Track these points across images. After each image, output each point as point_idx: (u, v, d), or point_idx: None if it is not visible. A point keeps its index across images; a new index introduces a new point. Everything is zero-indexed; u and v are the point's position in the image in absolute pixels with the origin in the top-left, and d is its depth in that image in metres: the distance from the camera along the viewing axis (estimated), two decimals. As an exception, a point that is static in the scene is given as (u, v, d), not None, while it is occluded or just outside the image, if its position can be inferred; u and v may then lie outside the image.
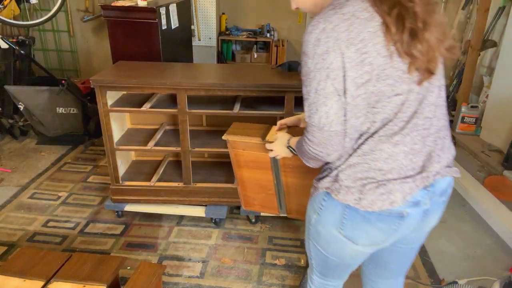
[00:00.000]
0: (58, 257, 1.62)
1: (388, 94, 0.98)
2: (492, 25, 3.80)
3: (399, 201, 1.03)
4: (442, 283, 2.07)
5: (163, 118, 2.67)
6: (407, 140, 1.02)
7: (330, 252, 1.22)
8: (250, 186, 1.63)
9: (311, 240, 1.26)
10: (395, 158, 1.02)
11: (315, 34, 0.96)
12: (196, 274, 2.11)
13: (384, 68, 0.95)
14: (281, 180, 1.55)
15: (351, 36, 0.93)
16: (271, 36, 4.70)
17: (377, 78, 0.95)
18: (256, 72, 2.45)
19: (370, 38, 0.93)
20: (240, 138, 1.52)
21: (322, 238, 1.20)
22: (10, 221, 2.50)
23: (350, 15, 0.94)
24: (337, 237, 1.15)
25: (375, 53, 0.94)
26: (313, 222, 1.21)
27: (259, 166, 1.54)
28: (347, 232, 1.12)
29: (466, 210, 2.71)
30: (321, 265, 1.31)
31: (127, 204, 2.46)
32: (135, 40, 2.98)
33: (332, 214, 1.12)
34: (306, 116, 1.04)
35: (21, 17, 4.11)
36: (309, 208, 1.23)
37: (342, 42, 0.94)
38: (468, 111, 3.72)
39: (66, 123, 3.31)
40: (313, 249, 1.28)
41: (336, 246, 1.18)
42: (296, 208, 1.63)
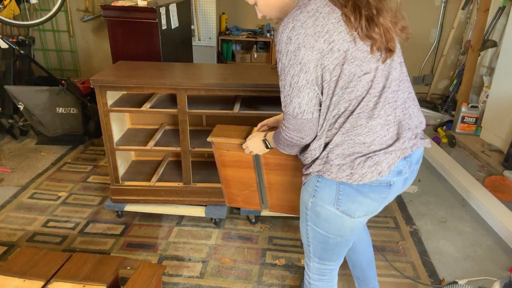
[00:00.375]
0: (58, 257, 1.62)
1: (358, 74, 1.10)
2: (492, 25, 3.80)
3: (385, 171, 1.16)
4: (442, 283, 2.07)
5: (163, 118, 2.67)
6: (381, 113, 1.15)
7: (331, 231, 1.31)
8: (234, 184, 1.71)
9: (309, 226, 1.34)
10: (374, 131, 1.15)
11: (286, 33, 1.08)
12: (196, 274, 2.11)
13: (351, 52, 1.07)
14: (263, 178, 1.64)
15: (318, 30, 1.06)
16: (271, 36, 4.70)
17: (346, 61, 1.08)
18: (256, 72, 2.45)
19: (334, 28, 1.06)
20: (224, 140, 1.61)
21: (322, 218, 1.29)
22: (10, 221, 2.50)
23: (314, 12, 1.07)
24: (335, 213, 1.25)
25: (340, 40, 1.06)
26: (310, 205, 1.29)
27: (242, 165, 1.63)
28: (343, 207, 1.23)
29: (466, 210, 2.71)
30: (320, 248, 1.38)
31: (127, 204, 2.46)
32: (135, 40, 2.98)
33: (328, 193, 1.23)
34: (282, 106, 1.18)
35: (21, 17, 4.11)
36: (303, 195, 1.33)
37: (311, 37, 1.06)
38: (468, 111, 3.72)
39: (66, 123, 3.31)
40: (312, 234, 1.36)
41: (336, 223, 1.28)
42: (277, 203, 1.72)
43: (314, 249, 1.40)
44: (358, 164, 1.15)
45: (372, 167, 1.15)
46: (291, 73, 1.10)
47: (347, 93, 1.11)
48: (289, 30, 1.07)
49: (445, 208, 2.72)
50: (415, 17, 4.60)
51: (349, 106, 1.13)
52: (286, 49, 1.08)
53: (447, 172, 3.06)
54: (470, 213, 2.68)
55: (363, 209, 1.24)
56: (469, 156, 3.46)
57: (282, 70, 1.12)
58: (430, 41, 4.70)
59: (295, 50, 1.07)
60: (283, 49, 1.09)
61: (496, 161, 3.24)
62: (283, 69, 1.11)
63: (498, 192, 2.80)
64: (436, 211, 2.69)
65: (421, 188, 2.94)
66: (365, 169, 1.15)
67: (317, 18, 1.06)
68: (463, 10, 4.42)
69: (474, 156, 3.43)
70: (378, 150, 1.16)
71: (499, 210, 2.55)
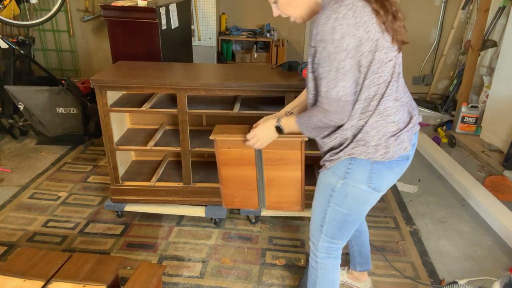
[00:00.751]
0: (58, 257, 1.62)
1: (384, 60, 1.26)
2: (492, 25, 3.80)
3: (408, 146, 1.36)
4: (442, 283, 2.07)
5: (163, 118, 2.67)
6: (401, 95, 1.34)
7: (355, 209, 1.45)
8: (233, 183, 1.75)
9: (331, 206, 1.45)
10: (399, 111, 1.33)
11: (329, 24, 1.18)
12: (196, 274, 2.11)
13: (380, 41, 1.23)
14: (263, 174, 1.68)
15: (357, 20, 1.19)
16: (271, 36, 4.70)
17: (378, 49, 1.23)
18: (256, 72, 2.45)
19: (369, 20, 1.20)
20: (226, 137, 1.65)
21: (350, 198, 1.41)
22: (10, 221, 2.50)
23: (351, 5, 1.19)
24: (367, 191, 1.39)
25: (373, 30, 1.21)
26: (339, 187, 1.40)
27: (243, 162, 1.67)
28: (375, 184, 1.38)
29: (466, 210, 2.71)
30: (336, 228, 1.50)
31: (127, 204, 2.46)
32: (135, 40, 2.98)
33: (361, 173, 1.36)
34: (323, 91, 1.26)
35: (21, 17, 4.11)
36: (328, 178, 1.43)
37: (353, 26, 1.19)
38: (468, 111, 3.72)
39: (66, 123, 3.31)
40: (332, 214, 1.46)
41: (363, 200, 1.43)
42: (275, 199, 1.77)
43: (327, 229, 1.50)
44: (390, 143, 1.32)
45: (400, 144, 1.33)
46: (338, 59, 1.21)
47: (376, 78, 1.26)
48: (333, 21, 1.18)
49: (445, 208, 2.72)
50: (415, 17, 4.60)
51: (378, 90, 1.28)
52: (331, 38, 1.19)
53: (447, 172, 3.06)
54: (470, 213, 2.68)
55: (388, 183, 1.42)
56: (469, 156, 3.46)
57: (327, 57, 1.22)
58: (430, 41, 4.70)
59: (340, 38, 1.19)
60: (328, 38, 1.19)
61: (496, 161, 3.24)
62: (328, 56, 1.21)
63: (498, 192, 2.80)
64: (436, 211, 2.69)
65: (421, 188, 2.94)
66: (396, 147, 1.32)
67: (355, 11, 1.19)
68: (463, 10, 4.42)
69: (474, 156, 3.43)
70: (403, 128, 1.34)
71: (499, 210, 2.55)
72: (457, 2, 4.47)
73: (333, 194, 1.43)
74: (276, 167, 1.66)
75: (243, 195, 1.78)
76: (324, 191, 1.46)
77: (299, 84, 2.13)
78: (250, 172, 1.69)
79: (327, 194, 1.45)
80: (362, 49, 1.22)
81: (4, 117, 3.51)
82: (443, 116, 4.16)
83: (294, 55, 4.90)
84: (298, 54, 4.93)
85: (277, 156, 1.63)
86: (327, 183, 1.44)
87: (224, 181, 1.76)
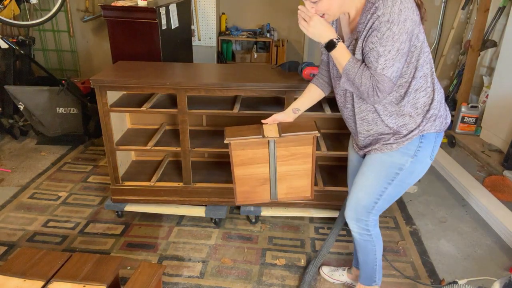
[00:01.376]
0: (58, 257, 1.62)
1: (425, 42, 1.42)
2: (492, 25, 3.80)
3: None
4: (442, 283, 2.07)
5: (163, 118, 2.67)
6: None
7: (412, 182, 1.58)
8: (246, 181, 1.78)
9: (393, 184, 1.55)
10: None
11: (397, 6, 1.28)
12: (196, 274, 2.11)
13: (421, 25, 1.38)
14: (276, 170, 1.75)
15: (413, 5, 1.32)
16: (271, 36, 4.70)
17: (420, 32, 1.38)
18: (256, 72, 2.45)
19: (415, 7, 1.34)
20: (241, 139, 1.67)
21: (415, 174, 1.55)
22: (10, 221, 2.50)
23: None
24: (428, 164, 1.55)
25: (418, 16, 1.35)
26: (408, 165, 1.51)
27: (256, 161, 1.73)
28: (434, 154, 1.53)
29: (466, 210, 2.71)
30: (388, 202, 1.62)
31: (127, 204, 2.46)
32: (135, 40, 2.98)
33: (428, 147, 1.50)
34: (379, 68, 1.32)
35: (21, 17, 4.11)
36: (397, 158, 1.51)
37: (412, 11, 1.31)
38: (468, 111, 3.72)
39: (66, 123, 3.31)
40: (392, 191, 1.57)
41: (422, 173, 1.57)
42: (286, 191, 1.83)
43: (381, 205, 1.61)
44: (446, 111, 1.51)
45: (447, 109, 1.52)
46: (400, 39, 1.30)
47: (425, 56, 1.41)
48: (399, 3, 1.28)
49: (445, 208, 2.72)
50: (415, 17, 4.60)
51: (430, 68, 1.43)
52: (398, 19, 1.28)
53: (447, 172, 3.06)
54: (470, 213, 2.68)
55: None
56: (469, 156, 3.46)
57: (391, 37, 1.30)
58: (430, 41, 4.69)
59: (404, 20, 1.29)
60: (395, 19, 1.28)
61: (496, 161, 3.24)
62: (392, 36, 1.29)
63: (498, 192, 2.80)
64: (436, 211, 2.69)
65: (421, 188, 2.94)
66: (448, 114, 1.52)
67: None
68: (463, 10, 4.41)
69: (474, 156, 3.43)
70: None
71: (499, 210, 2.55)
72: (457, 2, 4.47)
73: (400, 172, 1.52)
74: (288, 162, 1.73)
75: (256, 191, 1.82)
76: (387, 171, 1.53)
77: (299, 84, 2.13)
78: (263, 169, 1.74)
79: (391, 173, 1.53)
80: (415, 32, 1.35)
81: (4, 117, 3.51)
82: (443, 116, 4.16)
83: (294, 55, 4.90)
84: (298, 54, 4.93)
85: (289, 153, 1.70)
86: (393, 163, 1.52)
87: (238, 180, 1.78)
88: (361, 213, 1.64)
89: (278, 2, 4.69)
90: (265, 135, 1.65)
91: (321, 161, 2.69)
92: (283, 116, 1.74)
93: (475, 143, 3.59)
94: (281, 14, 4.75)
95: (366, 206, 1.62)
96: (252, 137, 1.66)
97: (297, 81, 2.17)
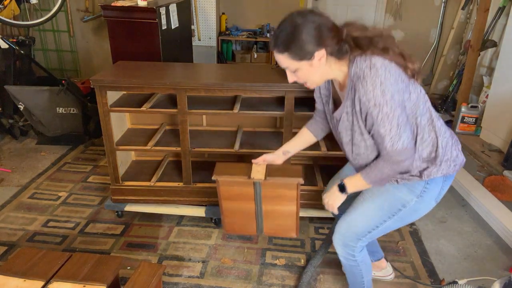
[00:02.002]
0: (58, 257, 1.62)
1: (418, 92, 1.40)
2: (492, 25, 3.80)
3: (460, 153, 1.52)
4: (442, 283, 2.07)
5: (163, 118, 2.67)
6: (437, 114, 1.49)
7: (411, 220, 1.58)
8: (234, 214, 1.87)
9: (393, 219, 1.54)
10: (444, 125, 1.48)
11: (378, 89, 1.28)
12: (196, 274, 2.11)
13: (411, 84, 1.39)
14: (261, 208, 1.81)
15: (395, 76, 1.30)
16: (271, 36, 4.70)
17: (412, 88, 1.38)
18: (256, 72, 2.45)
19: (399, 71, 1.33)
20: (228, 178, 1.75)
21: (418, 213, 1.54)
22: (10, 221, 2.50)
23: (383, 66, 1.29)
24: (431, 206, 1.54)
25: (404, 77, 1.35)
26: (413, 204, 1.49)
27: (243, 198, 1.79)
28: (440, 197, 1.52)
29: (466, 210, 2.71)
30: (382, 233, 1.60)
31: (127, 204, 2.46)
32: (135, 40, 2.98)
33: (435, 190, 1.48)
34: (388, 146, 1.33)
35: (21, 17, 4.11)
36: (403, 194, 1.50)
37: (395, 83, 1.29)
38: (468, 111, 3.72)
39: (66, 123, 3.31)
40: (390, 224, 1.56)
41: (423, 213, 1.55)
42: (272, 227, 1.89)
43: (374, 235, 1.59)
44: (454, 154, 1.47)
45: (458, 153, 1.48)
46: (396, 115, 1.30)
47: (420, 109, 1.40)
48: (379, 85, 1.28)
49: (445, 208, 2.72)
50: (415, 17, 4.60)
51: (428, 116, 1.42)
52: (384, 100, 1.28)
53: (447, 172, 3.06)
54: (470, 213, 2.68)
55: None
56: (469, 156, 3.46)
57: (386, 116, 1.30)
58: (430, 41, 4.70)
59: (391, 98, 1.28)
60: (381, 101, 1.29)
61: (496, 161, 3.24)
62: (387, 115, 1.30)
63: (498, 192, 2.80)
64: (436, 211, 2.69)
65: (421, 188, 2.94)
66: (457, 157, 1.48)
67: (389, 69, 1.30)
68: (463, 10, 4.41)
69: (474, 156, 3.43)
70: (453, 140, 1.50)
71: (499, 210, 2.55)
72: (457, 2, 4.47)
73: (403, 209, 1.51)
74: (273, 202, 1.79)
75: (243, 224, 1.90)
76: (391, 204, 1.52)
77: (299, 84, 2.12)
78: (249, 205, 1.81)
79: (395, 208, 1.52)
80: (406, 97, 1.34)
81: (4, 117, 3.51)
82: (443, 116, 4.16)
83: (294, 55, 4.89)
84: (298, 54, 4.92)
85: (275, 194, 1.76)
86: (399, 198, 1.50)
87: (225, 211, 1.87)
88: (350, 238, 1.62)
89: (278, 2, 4.69)
90: (252, 176, 1.70)
91: (321, 161, 2.68)
92: (273, 157, 1.74)
93: (475, 143, 3.59)
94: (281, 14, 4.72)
95: (359, 233, 1.60)
96: (239, 177, 1.72)
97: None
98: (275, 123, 2.65)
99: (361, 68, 1.30)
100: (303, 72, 1.38)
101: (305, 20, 1.31)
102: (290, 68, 1.39)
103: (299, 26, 1.31)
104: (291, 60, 1.35)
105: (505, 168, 3.10)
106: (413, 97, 1.37)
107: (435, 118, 1.43)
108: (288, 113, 2.19)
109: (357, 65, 1.32)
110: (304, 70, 1.37)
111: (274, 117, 2.62)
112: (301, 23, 1.31)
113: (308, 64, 1.35)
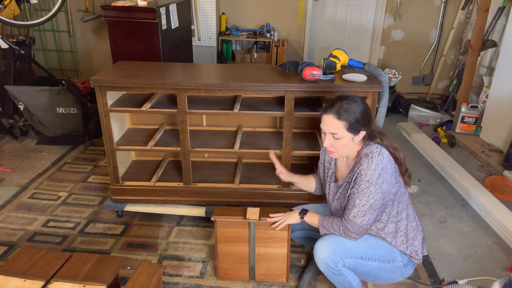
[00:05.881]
0: (58, 257, 1.62)
1: (403, 194, 1.70)
2: (492, 25, 3.80)
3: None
4: (442, 283, 2.07)
5: (163, 118, 2.67)
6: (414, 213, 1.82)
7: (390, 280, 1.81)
8: (228, 258, 2.01)
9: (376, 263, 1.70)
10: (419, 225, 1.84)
11: (377, 171, 1.55)
12: (196, 274, 2.11)
13: (399, 183, 1.68)
14: (255, 250, 1.98)
15: (393, 170, 1.59)
16: (271, 36, 4.70)
17: (401, 186, 1.67)
18: (256, 72, 2.45)
19: (396, 168, 1.63)
20: (226, 218, 1.93)
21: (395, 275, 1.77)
22: (10, 221, 2.50)
23: (388, 158, 1.58)
24: (401, 278, 1.82)
25: (396, 179, 1.63)
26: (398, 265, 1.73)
27: (238, 240, 1.97)
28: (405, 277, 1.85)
29: (466, 210, 2.71)
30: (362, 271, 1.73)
31: (127, 204, 2.46)
32: (135, 40, 2.98)
33: (409, 270, 1.81)
34: (351, 215, 1.61)
35: (21, 17, 4.11)
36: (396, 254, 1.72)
37: (391, 175, 1.59)
38: (468, 111, 3.72)
39: (66, 123, 3.31)
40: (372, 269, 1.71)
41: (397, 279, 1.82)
42: (264, 272, 2.03)
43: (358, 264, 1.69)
44: (419, 247, 1.78)
45: (423, 248, 1.81)
46: (375, 198, 1.56)
47: (400, 204, 1.68)
48: (380, 170, 1.55)
49: (445, 208, 2.72)
50: (415, 17, 4.60)
51: (407, 214, 1.72)
52: (376, 181, 1.55)
53: (447, 172, 3.06)
54: (470, 213, 2.68)
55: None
56: (469, 156, 3.46)
57: (368, 194, 1.56)
58: (430, 41, 4.70)
59: (381, 183, 1.55)
60: (374, 181, 1.55)
61: (496, 161, 3.24)
62: (369, 194, 1.56)
63: (498, 192, 2.80)
64: (436, 211, 2.69)
65: (421, 188, 2.94)
66: (419, 252, 1.77)
67: (392, 162, 1.59)
68: (463, 10, 4.42)
69: (474, 156, 3.43)
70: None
71: (499, 210, 2.56)
72: (457, 2, 4.47)
73: (389, 263, 1.71)
74: (266, 244, 1.96)
75: (236, 269, 2.03)
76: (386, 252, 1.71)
77: (299, 84, 2.13)
78: (243, 248, 1.98)
79: (386, 257, 1.71)
80: (391, 190, 1.60)
81: (5, 117, 3.51)
82: (443, 116, 4.16)
83: (294, 55, 4.90)
84: (298, 55, 4.93)
85: (267, 235, 1.94)
86: (394, 253, 1.71)
87: (221, 256, 2.01)
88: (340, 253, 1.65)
89: (278, 2, 4.70)
90: (247, 217, 1.91)
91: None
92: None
93: (475, 143, 3.59)
94: (281, 14, 4.75)
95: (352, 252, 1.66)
96: (235, 218, 1.92)
97: (297, 81, 2.17)
98: (275, 123, 2.65)
99: (372, 151, 1.57)
100: (344, 141, 1.60)
101: (366, 105, 1.62)
102: (337, 134, 1.59)
103: (363, 106, 1.59)
104: (343, 129, 1.57)
105: (505, 168, 3.10)
106: (398, 193, 1.65)
107: (411, 215, 1.72)
108: (288, 113, 2.19)
109: (369, 148, 1.59)
110: (345, 140, 1.60)
111: (274, 117, 2.62)
112: (365, 105, 1.60)
113: (351, 138, 1.59)
